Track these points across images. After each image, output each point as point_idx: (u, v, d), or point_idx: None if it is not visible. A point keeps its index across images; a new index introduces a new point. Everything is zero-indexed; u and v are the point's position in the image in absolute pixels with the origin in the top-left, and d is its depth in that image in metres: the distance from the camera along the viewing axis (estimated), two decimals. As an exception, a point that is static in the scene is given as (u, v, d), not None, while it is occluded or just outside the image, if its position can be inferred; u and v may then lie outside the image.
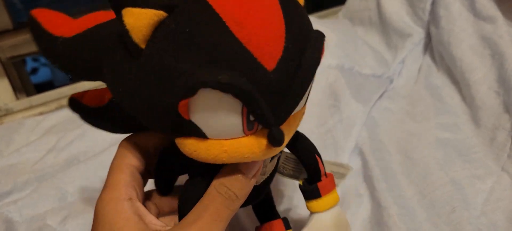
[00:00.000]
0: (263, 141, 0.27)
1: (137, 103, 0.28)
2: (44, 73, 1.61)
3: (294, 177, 0.41)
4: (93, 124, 0.38)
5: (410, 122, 0.62)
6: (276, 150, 0.29)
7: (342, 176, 0.42)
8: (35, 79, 1.58)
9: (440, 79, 0.66)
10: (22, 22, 0.93)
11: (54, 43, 0.31)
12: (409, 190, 0.51)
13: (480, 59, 0.60)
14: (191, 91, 0.24)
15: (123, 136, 0.36)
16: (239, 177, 0.31)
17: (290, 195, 0.52)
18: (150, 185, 0.38)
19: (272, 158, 0.35)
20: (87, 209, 0.52)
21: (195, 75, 0.24)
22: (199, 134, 0.28)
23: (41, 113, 0.79)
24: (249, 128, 0.27)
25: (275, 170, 0.37)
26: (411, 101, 0.65)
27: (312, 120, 0.63)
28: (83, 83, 0.82)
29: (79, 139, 0.66)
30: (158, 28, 0.25)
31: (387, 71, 0.72)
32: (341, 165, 0.41)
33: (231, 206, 0.31)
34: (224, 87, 0.24)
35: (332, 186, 0.38)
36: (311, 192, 0.38)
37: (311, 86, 0.31)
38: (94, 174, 0.58)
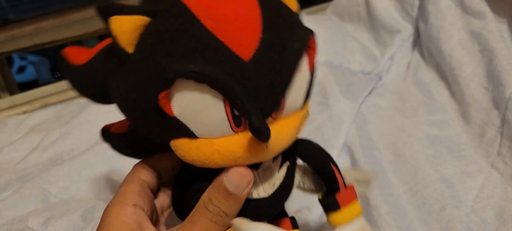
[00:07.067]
0: (254, 138, 0.27)
1: (130, 107, 0.29)
2: (30, 72, 1.59)
3: (315, 191, 0.38)
4: (120, 151, 0.39)
5: (399, 118, 0.61)
6: (268, 151, 0.28)
7: (368, 183, 0.39)
8: (22, 78, 1.56)
9: (429, 76, 0.66)
10: (6, 19, 0.92)
11: (74, 71, 0.33)
12: (399, 188, 0.50)
13: (469, 55, 0.59)
14: (167, 83, 0.26)
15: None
16: (228, 194, 0.29)
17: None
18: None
19: (281, 167, 0.34)
20: (70, 210, 0.50)
21: (170, 68, 0.25)
22: (188, 133, 0.28)
23: (24, 112, 0.77)
24: (236, 123, 0.27)
25: (289, 184, 0.35)
26: (401, 98, 0.65)
27: (300, 117, 0.62)
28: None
29: (64, 137, 0.64)
30: (144, 33, 0.27)
31: (376, 67, 0.71)
32: (364, 172, 0.38)
33: (220, 222, 0.30)
34: (196, 76, 0.25)
35: (353, 197, 0.36)
36: (329, 204, 0.35)
37: (308, 86, 0.31)
38: (79, 173, 0.57)
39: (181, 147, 0.29)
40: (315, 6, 0.98)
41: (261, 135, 0.26)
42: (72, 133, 0.65)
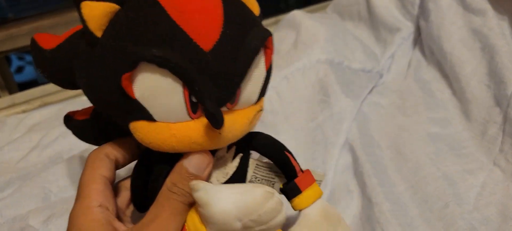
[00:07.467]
0: (209, 125, 0.29)
1: (94, 88, 0.31)
2: (29, 72, 1.58)
3: (268, 185, 0.40)
4: (82, 137, 0.41)
5: (400, 116, 0.61)
6: (222, 139, 0.31)
7: (319, 182, 0.40)
8: (20, 78, 1.56)
9: (430, 74, 0.66)
10: (5, 18, 0.91)
11: (44, 55, 0.34)
12: (400, 186, 0.50)
13: (470, 53, 0.59)
14: (130, 65, 0.28)
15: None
16: (189, 175, 0.32)
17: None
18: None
19: (234, 158, 0.36)
20: (71, 208, 0.50)
21: (134, 51, 0.28)
22: (147, 116, 0.30)
23: (24, 111, 0.77)
24: (193, 110, 0.30)
25: (242, 175, 0.37)
26: (401, 96, 0.65)
27: (301, 115, 0.62)
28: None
29: (63, 136, 0.64)
30: (113, 20, 0.29)
31: (376, 65, 0.71)
32: (314, 172, 0.39)
33: (186, 201, 0.32)
34: (158, 60, 0.27)
35: (311, 180, 0.38)
36: (290, 190, 0.38)
37: (264, 83, 0.33)
38: (79, 172, 0.55)
39: (140, 129, 0.31)
40: (316, 4, 0.98)
41: (215, 120, 0.28)
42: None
